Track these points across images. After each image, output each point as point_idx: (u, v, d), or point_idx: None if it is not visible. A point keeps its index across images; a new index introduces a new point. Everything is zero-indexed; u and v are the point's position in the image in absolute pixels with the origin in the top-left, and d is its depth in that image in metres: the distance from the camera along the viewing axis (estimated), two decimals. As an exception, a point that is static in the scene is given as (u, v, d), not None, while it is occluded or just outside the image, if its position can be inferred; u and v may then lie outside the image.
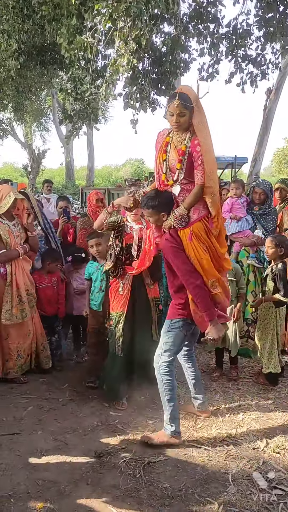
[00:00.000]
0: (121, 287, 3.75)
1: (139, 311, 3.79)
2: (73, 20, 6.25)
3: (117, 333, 3.73)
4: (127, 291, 3.74)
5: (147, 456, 3.00)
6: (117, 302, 3.77)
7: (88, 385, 4.03)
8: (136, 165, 45.30)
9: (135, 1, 5.08)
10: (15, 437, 3.23)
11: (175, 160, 3.02)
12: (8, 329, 4.00)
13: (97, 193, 5.12)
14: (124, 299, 3.74)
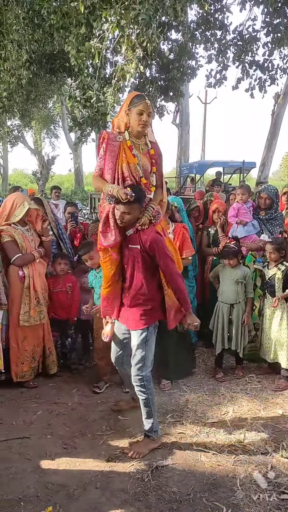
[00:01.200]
0: None
1: None
2: (81, 29, 6.33)
3: None
4: None
5: (155, 461, 3.01)
6: None
7: (93, 389, 4.08)
8: (144, 170, 45.39)
9: (144, 8, 5.14)
10: (24, 441, 3.26)
11: (147, 164, 3.09)
12: (26, 331, 4.07)
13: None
14: None
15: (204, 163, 17.23)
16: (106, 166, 3.02)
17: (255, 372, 4.54)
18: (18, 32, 7.94)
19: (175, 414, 3.65)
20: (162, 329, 4.17)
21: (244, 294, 4.37)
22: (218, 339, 4.40)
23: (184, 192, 15.57)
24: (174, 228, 4.30)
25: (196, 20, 7.60)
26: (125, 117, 3.05)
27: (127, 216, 2.95)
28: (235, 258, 4.35)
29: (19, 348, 4.07)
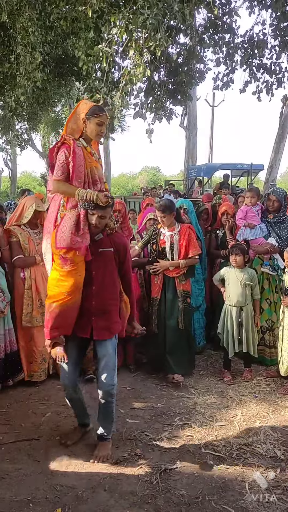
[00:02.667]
0: (156, 277, 4.46)
1: (168, 299, 4.41)
2: (90, 33, 6.38)
3: (153, 314, 4.44)
4: (160, 282, 4.44)
5: (163, 463, 3.02)
6: (153, 289, 4.51)
7: (87, 378, 4.26)
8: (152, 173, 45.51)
9: (153, 13, 5.16)
10: (33, 442, 3.28)
11: (101, 170, 3.17)
12: (31, 332, 4.14)
13: (116, 203, 5.20)
14: (158, 288, 4.45)
15: (211, 166, 17.24)
16: (75, 170, 2.94)
17: (264, 375, 4.52)
18: (33, 34, 7.99)
19: (183, 417, 3.65)
20: (162, 326, 4.39)
21: (251, 298, 4.37)
22: (230, 343, 4.38)
23: (191, 194, 15.58)
24: (180, 228, 4.37)
25: (204, 24, 7.62)
26: (81, 124, 3.04)
27: (103, 220, 2.95)
28: (241, 256, 4.34)
29: (27, 347, 4.15)
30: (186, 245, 4.33)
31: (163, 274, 4.42)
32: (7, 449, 3.18)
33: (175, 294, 4.38)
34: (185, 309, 4.36)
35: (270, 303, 4.70)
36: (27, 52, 8.44)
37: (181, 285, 4.37)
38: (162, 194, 14.63)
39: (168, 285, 4.42)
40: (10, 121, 12.31)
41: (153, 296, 4.50)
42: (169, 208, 4.31)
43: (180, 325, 4.33)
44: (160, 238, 4.43)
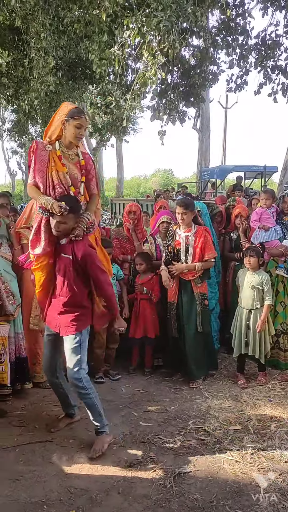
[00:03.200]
0: (171, 281, 4.39)
1: (185, 302, 4.35)
2: (104, 37, 6.41)
3: (172, 319, 4.38)
4: (176, 285, 4.38)
5: (177, 467, 3.00)
6: (169, 293, 4.45)
7: (96, 381, 4.30)
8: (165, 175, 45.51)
9: (166, 15, 5.17)
10: (47, 444, 3.29)
11: (77, 173, 3.18)
12: (37, 334, 4.17)
13: (131, 205, 5.23)
14: (174, 291, 4.39)
15: (225, 168, 17.19)
16: (36, 175, 3.08)
17: (278, 378, 4.48)
18: (46, 39, 8.08)
19: (197, 421, 3.63)
20: (181, 329, 4.36)
21: (262, 300, 4.31)
22: (236, 344, 4.39)
23: (204, 197, 15.54)
24: (196, 230, 4.33)
25: (217, 26, 7.60)
26: (60, 126, 3.09)
27: (63, 225, 3.03)
28: (255, 258, 4.30)
29: (32, 349, 4.19)
30: (201, 248, 4.29)
31: (179, 277, 4.38)
32: (21, 451, 3.20)
33: (192, 297, 4.33)
34: (203, 312, 4.32)
35: (285, 306, 4.66)
36: (40, 56, 8.53)
37: (198, 288, 4.33)
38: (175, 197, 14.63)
39: (185, 288, 4.37)
40: (25, 125, 12.42)
41: (170, 301, 4.45)
42: (190, 205, 4.29)
43: (198, 328, 4.29)
44: (176, 239, 4.40)
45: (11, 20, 8.13)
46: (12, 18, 7.78)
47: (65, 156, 3.14)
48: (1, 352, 3.85)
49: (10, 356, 3.91)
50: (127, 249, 5.08)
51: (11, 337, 3.95)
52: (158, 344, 4.67)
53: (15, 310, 3.90)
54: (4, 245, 4.05)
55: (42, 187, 3.08)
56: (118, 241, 5.06)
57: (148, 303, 4.66)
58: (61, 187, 3.10)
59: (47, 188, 3.09)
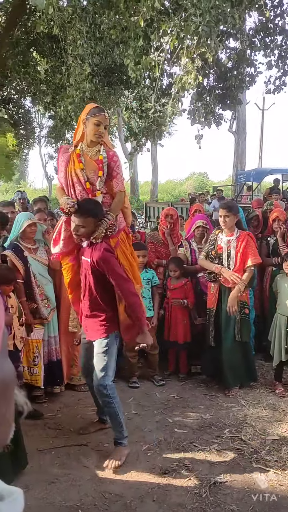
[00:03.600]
0: (212, 287, 4.30)
1: (224, 309, 4.20)
2: (139, 42, 6.44)
3: (210, 326, 4.29)
4: (216, 291, 4.26)
5: (213, 476, 2.94)
6: (209, 299, 4.35)
7: (130, 385, 4.33)
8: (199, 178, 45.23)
9: (205, 20, 5.14)
10: (82, 448, 3.31)
11: (94, 170, 3.09)
12: (75, 337, 4.19)
13: (169, 209, 5.25)
14: (214, 298, 4.28)
15: (261, 171, 16.90)
16: (59, 177, 3.18)
17: None
18: (82, 46, 8.21)
19: (233, 429, 3.55)
20: (218, 336, 4.27)
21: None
22: (276, 351, 4.26)
23: (240, 200, 15.33)
24: (239, 235, 4.21)
25: (255, 27, 7.49)
26: (81, 126, 3.11)
27: (82, 229, 2.97)
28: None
29: (69, 351, 4.24)
30: (243, 253, 4.14)
31: (220, 283, 4.25)
32: (56, 454, 3.23)
33: None
34: (243, 321, 4.19)
35: None
36: (77, 63, 8.67)
37: (239, 296, 4.17)
38: (210, 200, 14.48)
39: (225, 295, 4.24)
40: (61, 131, 12.65)
41: (209, 307, 4.36)
42: (234, 208, 4.20)
43: (236, 336, 4.18)
44: (218, 243, 4.28)
45: (49, 28, 8.30)
46: (50, 27, 7.93)
47: (85, 154, 3.11)
48: (36, 354, 3.90)
49: (44, 359, 3.97)
50: (162, 253, 5.06)
51: (44, 340, 4.00)
52: (196, 350, 4.59)
53: (49, 314, 3.95)
54: (41, 249, 4.12)
55: (65, 188, 3.14)
56: (153, 245, 5.05)
57: (179, 308, 4.61)
58: (80, 185, 3.08)
59: (68, 187, 3.12)
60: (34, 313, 3.92)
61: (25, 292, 3.87)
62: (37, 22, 7.51)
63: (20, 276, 3.88)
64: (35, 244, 4.11)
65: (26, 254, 3.97)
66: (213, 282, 4.29)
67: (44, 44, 10.76)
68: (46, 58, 11.34)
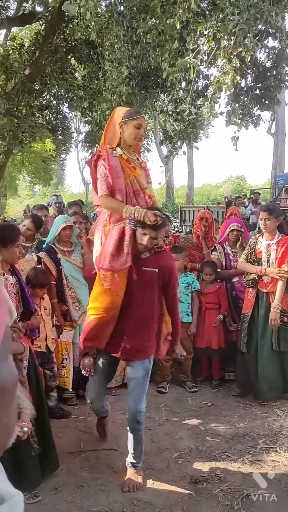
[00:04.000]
0: (250, 292, 4.15)
1: (261, 316, 4.06)
2: (175, 44, 6.39)
3: (242, 331, 4.14)
4: (253, 297, 4.11)
5: (246, 488, 2.83)
6: (245, 304, 4.20)
7: (158, 389, 4.28)
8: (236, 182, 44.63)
9: (243, 18, 5.04)
10: (112, 452, 3.27)
11: (143, 176, 2.98)
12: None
13: (204, 212, 5.18)
14: (250, 303, 4.13)
15: (301, 173, 16.45)
16: (114, 184, 2.82)
17: None
18: (120, 50, 8.27)
19: (268, 440, 3.42)
20: (254, 344, 4.09)
21: None
22: None
23: (279, 203, 14.97)
24: (280, 239, 4.03)
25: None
26: (119, 130, 2.91)
27: (154, 241, 2.77)
28: None
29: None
30: (281, 258, 3.96)
31: (257, 288, 4.10)
32: (86, 457, 3.20)
33: (269, 311, 3.99)
34: (280, 329, 3.98)
35: None
36: (114, 67, 8.73)
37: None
38: (247, 203, 14.23)
39: (262, 300, 4.08)
40: (96, 135, 12.80)
41: (244, 312, 4.20)
42: (275, 211, 4.04)
43: (273, 345, 3.99)
44: (257, 247, 4.12)
45: (86, 35, 8.41)
46: (88, 33, 8.03)
47: (130, 160, 2.96)
48: (64, 356, 3.91)
49: (74, 362, 3.97)
50: (196, 256, 4.99)
51: (75, 343, 4.00)
52: (230, 357, 4.47)
53: (80, 317, 3.95)
54: (76, 252, 4.13)
55: (121, 196, 2.83)
56: (186, 248, 4.98)
57: (214, 313, 4.51)
58: (141, 192, 2.90)
59: (127, 195, 2.84)
60: (64, 315, 3.93)
61: (56, 293, 3.90)
62: (75, 28, 7.60)
63: (53, 278, 3.91)
64: (71, 246, 4.13)
65: (59, 256, 4.01)
66: (251, 287, 4.14)
67: (81, 51, 10.94)
68: (83, 64, 11.52)
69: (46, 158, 18.57)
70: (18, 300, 2.75)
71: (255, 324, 4.11)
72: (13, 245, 2.68)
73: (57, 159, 18.02)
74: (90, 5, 6.28)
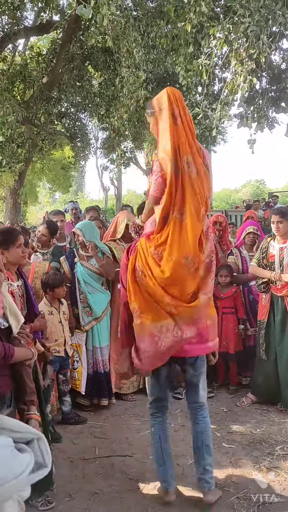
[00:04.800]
0: (264, 297, 4.07)
1: (277, 321, 3.97)
2: (189, 48, 6.40)
3: (260, 339, 4.06)
4: (267, 302, 4.02)
5: (262, 496, 2.77)
6: (260, 310, 4.12)
7: (174, 396, 4.10)
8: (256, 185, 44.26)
9: (254, 20, 5.01)
10: (126, 459, 3.25)
11: None
12: None
13: (217, 216, 5.12)
14: (265, 309, 4.04)
15: None
16: None
17: None
18: (138, 54, 8.32)
19: (285, 447, 3.35)
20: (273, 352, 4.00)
21: None
22: None
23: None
24: None
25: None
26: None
27: None
28: None
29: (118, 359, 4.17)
30: None
31: (271, 293, 4.01)
32: (100, 463, 3.19)
33: (285, 315, 3.92)
34: None
35: None
36: (131, 73, 8.78)
37: None
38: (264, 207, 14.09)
39: (277, 305, 3.99)
40: (114, 141, 12.86)
41: (260, 319, 4.13)
42: (287, 213, 3.96)
43: None
44: (269, 251, 4.06)
45: (103, 42, 8.49)
46: (104, 40, 8.10)
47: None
48: (75, 359, 3.92)
49: (88, 368, 3.97)
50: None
51: (89, 349, 4.00)
52: (248, 361, 4.40)
53: (89, 323, 3.96)
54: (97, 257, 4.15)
55: None
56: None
57: (230, 317, 4.46)
58: None
59: None
60: (76, 319, 3.98)
61: (70, 297, 3.95)
62: (89, 35, 7.68)
63: (68, 281, 3.97)
64: None
65: (76, 260, 4.06)
66: (264, 292, 4.07)
67: (98, 58, 11.04)
68: (100, 71, 11.62)
69: (65, 165, 18.74)
70: (23, 302, 2.82)
71: (272, 330, 4.03)
72: (14, 246, 2.78)
73: (76, 166, 18.15)
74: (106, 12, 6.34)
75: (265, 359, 4.05)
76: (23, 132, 10.27)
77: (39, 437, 1.50)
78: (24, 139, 10.86)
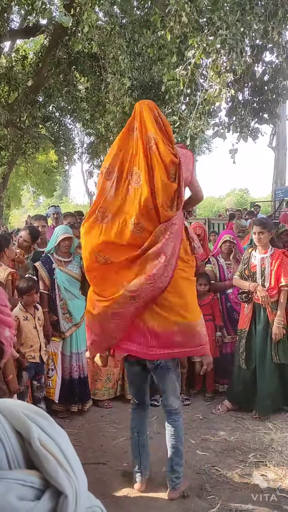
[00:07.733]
0: (246, 307, 4.11)
1: (259, 330, 4.01)
2: (173, 58, 6.46)
3: (241, 347, 4.07)
4: (249, 311, 4.06)
5: (234, 503, 2.80)
6: (242, 320, 4.16)
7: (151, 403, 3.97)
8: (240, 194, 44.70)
9: (231, 33, 5.09)
10: (100, 466, 3.24)
11: None
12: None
13: (195, 228, 4.96)
14: (247, 318, 4.07)
15: (301, 186, 16.51)
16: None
17: None
18: (123, 61, 8.37)
19: (258, 454, 3.38)
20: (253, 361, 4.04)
21: None
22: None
23: (278, 216, 14.99)
24: (273, 252, 4.04)
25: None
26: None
27: None
28: None
29: (94, 366, 4.16)
30: (277, 271, 3.95)
31: (253, 302, 4.05)
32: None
33: (267, 324, 3.98)
34: (280, 341, 3.93)
35: None
36: (116, 79, 8.83)
37: (274, 314, 3.94)
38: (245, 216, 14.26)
39: (259, 314, 4.04)
40: (98, 147, 12.88)
41: (241, 328, 4.15)
42: (268, 224, 4.06)
43: (274, 358, 3.93)
44: (251, 261, 4.12)
45: (89, 48, 8.52)
46: (90, 46, 8.14)
47: None
48: (51, 367, 3.90)
49: (64, 373, 3.95)
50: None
51: (66, 355, 3.99)
52: (224, 369, 4.43)
53: (69, 330, 3.94)
54: (74, 263, 4.12)
55: None
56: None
57: (208, 324, 4.48)
58: None
59: None
60: (54, 326, 3.94)
61: (48, 303, 3.91)
62: (75, 41, 7.70)
63: (46, 288, 3.93)
64: (69, 257, 4.14)
65: (54, 266, 4.02)
66: (246, 302, 4.11)
67: (84, 63, 11.07)
68: (86, 77, 11.64)
69: (48, 169, 18.68)
70: None
71: (254, 339, 4.06)
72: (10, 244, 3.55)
73: (60, 170, 18.10)
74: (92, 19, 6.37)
75: (244, 368, 4.07)
76: (7, 135, 10.21)
77: None
78: (8, 142, 10.79)
